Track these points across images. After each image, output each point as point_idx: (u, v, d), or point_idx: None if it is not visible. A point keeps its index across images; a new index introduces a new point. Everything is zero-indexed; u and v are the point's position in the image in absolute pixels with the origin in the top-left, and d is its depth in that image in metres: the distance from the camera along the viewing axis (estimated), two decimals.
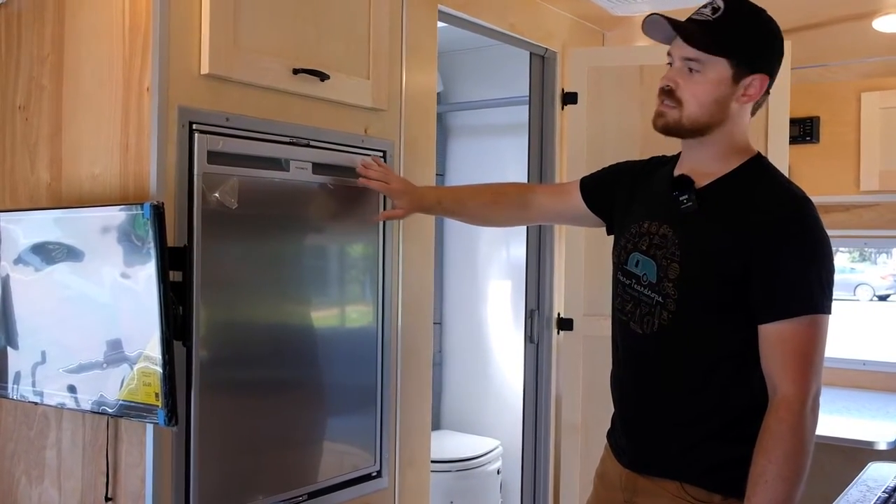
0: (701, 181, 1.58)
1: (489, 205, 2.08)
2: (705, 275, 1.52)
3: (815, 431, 1.48)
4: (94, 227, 1.72)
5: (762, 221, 1.48)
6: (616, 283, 1.71)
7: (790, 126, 3.06)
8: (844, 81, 3.51)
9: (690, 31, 1.53)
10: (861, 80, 3.49)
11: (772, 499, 1.43)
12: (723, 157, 1.58)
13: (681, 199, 1.57)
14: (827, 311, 1.47)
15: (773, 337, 1.47)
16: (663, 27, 1.54)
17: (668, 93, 1.56)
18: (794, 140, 3.44)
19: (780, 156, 2.82)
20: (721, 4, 1.52)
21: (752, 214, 1.50)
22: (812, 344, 1.46)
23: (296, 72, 1.97)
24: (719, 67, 1.52)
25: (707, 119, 1.54)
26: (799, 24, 3.02)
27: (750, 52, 1.53)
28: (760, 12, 1.56)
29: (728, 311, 1.52)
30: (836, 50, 3.30)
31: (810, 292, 1.46)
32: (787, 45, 2.76)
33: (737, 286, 1.49)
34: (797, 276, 1.46)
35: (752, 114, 1.61)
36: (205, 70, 1.80)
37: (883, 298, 14.25)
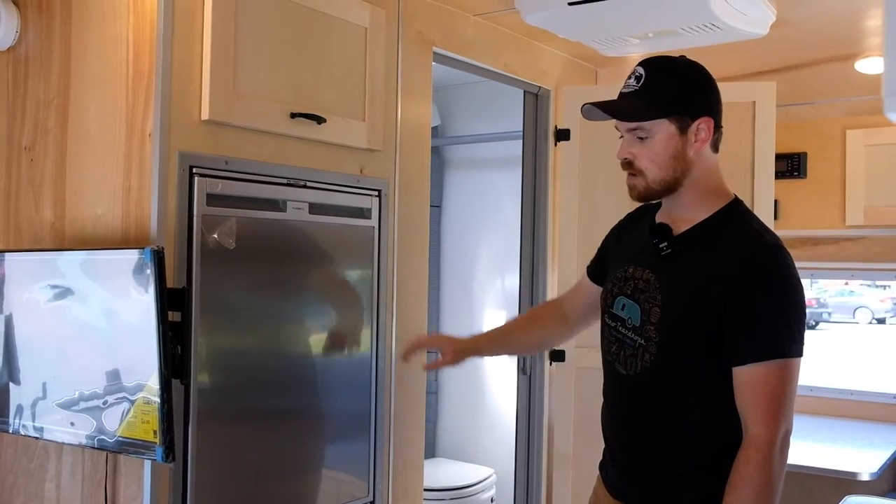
0: (679, 227, 1.65)
1: (530, 331, 2.09)
2: (684, 319, 1.58)
3: (783, 470, 1.53)
4: (97, 268, 1.79)
5: (735, 268, 1.54)
6: (603, 325, 1.77)
7: (778, 161, 3.13)
8: (830, 118, 3.58)
9: (624, 108, 1.61)
10: (846, 117, 3.57)
11: None
12: (698, 203, 1.64)
13: (660, 245, 1.63)
14: (797, 354, 1.53)
15: (745, 379, 1.53)
16: (598, 113, 1.63)
17: (628, 164, 1.64)
18: (781, 175, 3.52)
19: (767, 191, 2.89)
20: (642, 71, 1.61)
21: (726, 261, 1.55)
22: (782, 387, 1.51)
23: (293, 116, 2.04)
24: (663, 127, 1.59)
25: (672, 174, 1.61)
26: (787, 64, 3.11)
27: (684, 103, 1.60)
28: (678, 63, 1.64)
29: (706, 354, 1.57)
30: (822, 88, 3.38)
31: (780, 337, 1.52)
32: (772, 85, 2.87)
33: (713, 330, 1.54)
34: (768, 321, 1.52)
35: (715, 150, 1.66)
36: (205, 116, 1.88)
37: (881, 321, 14.30)
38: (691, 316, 1.57)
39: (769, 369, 1.51)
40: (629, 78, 1.63)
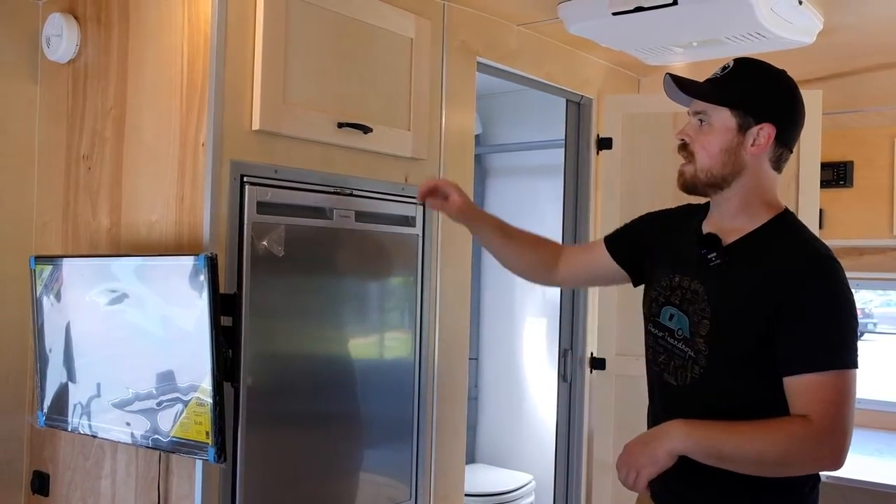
0: (728, 237, 1.63)
1: (531, 246, 2.05)
2: (733, 332, 1.57)
3: (815, 463, 1.51)
4: (152, 273, 1.85)
5: (787, 279, 1.52)
6: (648, 333, 1.75)
7: (824, 170, 3.10)
8: (877, 127, 3.53)
9: (694, 86, 1.62)
10: (894, 125, 3.52)
11: (736, 446, 1.48)
12: (747, 211, 1.62)
13: (709, 256, 1.61)
14: (853, 365, 1.50)
15: (801, 390, 1.50)
16: (673, 90, 1.64)
17: (683, 146, 1.64)
18: (827, 184, 3.48)
19: (812, 200, 2.87)
20: (732, 63, 1.62)
21: (777, 273, 1.54)
22: (842, 395, 1.48)
23: (340, 125, 2.09)
24: (724, 116, 1.58)
25: (720, 170, 1.59)
26: (833, 71, 3.08)
27: (753, 102, 1.58)
28: (770, 69, 1.63)
29: (756, 366, 1.55)
30: (870, 96, 3.35)
31: (836, 347, 1.49)
32: (818, 94, 2.85)
33: (764, 342, 1.53)
34: (823, 332, 1.50)
35: (778, 170, 1.64)
36: (256, 126, 1.93)
37: None
38: (741, 328, 1.56)
39: (827, 378, 1.48)
40: (719, 67, 1.63)
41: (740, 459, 1.50)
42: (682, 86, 1.61)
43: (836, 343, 1.50)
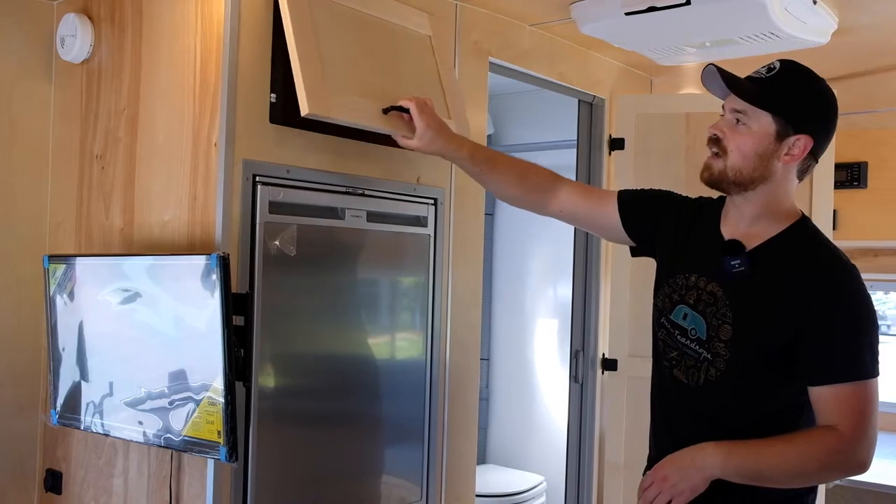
0: (749, 242, 1.62)
1: (517, 177, 1.98)
2: (759, 338, 1.57)
3: (848, 471, 1.52)
4: (164, 273, 1.85)
5: (812, 289, 1.53)
6: (661, 327, 1.74)
7: (838, 171, 3.09)
8: (892, 128, 3.51)
9: (739, 83, 1.59)
10: None
11: (773, 466, 1.50)
12: (767, 217, 1.62)
13: (732, 262, 1.60)
14: (877, 374, 1.52)
15: (829, 398, 1.51)
16: (717, 79, 1.60)
17: (715, 140, 1.62)
18: (841, 185, 3.46)
19: (826, 200, 2.86)
20: (777, 65, 1.59)
21: (802, 282, 1.54)
22: (868, 404, 1.50)
23: (385, 111, 2.01)
24: (764, 121, 1.56)
25: (749, 172, 1.58)
26: (848, 72, 3.06)
27: (795, 112, 1.56)
28: (816, 78, 1.60)
29: (776, 372, 1.56)
30: (884, 97, 3.32)
31: (862, 357, 1.51)
32: (834, 93, 2.83)
33: (788, 349, 1.53)
34: (849, 341, 1.51)
35: (801, 179, 1.64)
36: (304, 111, 1.86)
37: None
38: (766, 336, 1.56)
39: (856, 388, 1.50)
40: (763, 67, 1.60)
41: (778, 476, 1.52)
42: (727, 80, 1.58)
43: (862, 354, 1.51)
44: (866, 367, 1.51)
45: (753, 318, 1.57)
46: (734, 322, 1.58)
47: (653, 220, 1.83)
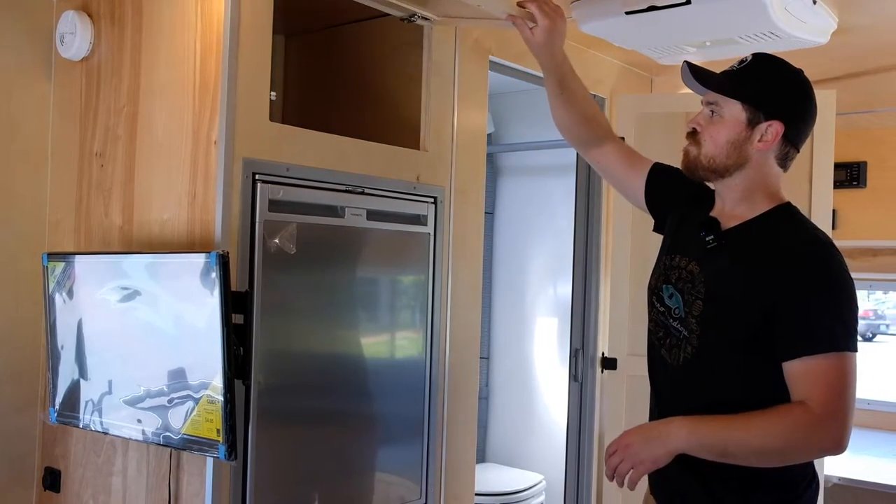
0: (728, 223, 1.65)
1: (583, 118, 2.04)
2: (727, 314, 1.58)
3: (817, 450, 1.52)
4: (164, 271, 1.85)
5: (785, 264, 1.53)
6: (652, 306, 1.76)
7: (837, 171, 3.09)
8: (892, 128, 3.51)
9: (709, 77, 1.63)
10: None
11: (738, 441, 1.48)
12: (748, 200, 1.64)
13: (707, 238, 1.63)
14: (852, 349, 1.50)
15: (801, 373, 1.49)
16: (689, 76, 1.64)
17: (691, 133, 1.66)
18: (841, 185, 3.47)
19: (825, 200, 2.86)
20: (749, 57, 1.63)
21: (775, 257, 1.55)
22: (840, 379, 1.47)
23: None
24: (735, 110, 1.60)
25: (723, 160, 1.61)
26: (848, 71, 3.06)
27: (765, 99, 1.60)
28: (786, 66, 1.64)
29: (748, 351, 1.56)
30: (884, 97, 3.32)
31: (835, 331, 1.49)
32: (832, 94, 2.83)
33: (759, 327, 1.53)
34: (821, 315, 1.49)
35: (784, 167, 1.66)
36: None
37: None
38: (735, 311, 1.56)
39: (826, 361, 1.47)
40: (737, 60, 1.64)
41: (743, 453, 1.50)
42: (698, 75, 1.63)
43: (836, 326, 1.50)
44: (838, 341, 1.48)
45: (723, 294, 1.59)
46: (705, 298, 1.60)
47: (670, 204, 1.86)
